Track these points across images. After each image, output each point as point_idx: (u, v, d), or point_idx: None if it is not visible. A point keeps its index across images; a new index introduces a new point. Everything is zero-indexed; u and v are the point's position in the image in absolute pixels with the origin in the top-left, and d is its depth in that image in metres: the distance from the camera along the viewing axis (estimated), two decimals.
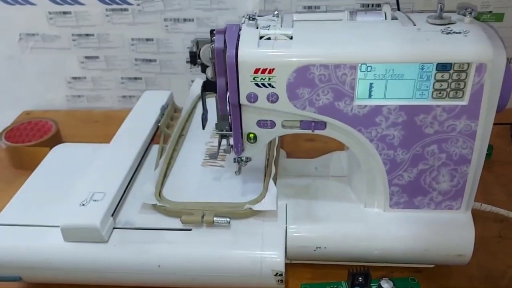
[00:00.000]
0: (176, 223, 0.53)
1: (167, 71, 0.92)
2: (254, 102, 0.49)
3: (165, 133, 0.70)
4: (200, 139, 0.68)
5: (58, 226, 0.52)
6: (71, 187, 0.59)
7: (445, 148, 0.50)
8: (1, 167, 0.78)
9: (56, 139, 0.79)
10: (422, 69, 0.46)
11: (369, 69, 0.46)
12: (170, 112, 0.74)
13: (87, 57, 0.91)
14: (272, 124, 0.51)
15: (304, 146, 0.78)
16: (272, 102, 0.48)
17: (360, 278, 0.53)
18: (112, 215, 0.54)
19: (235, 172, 0.60)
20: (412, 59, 0.46)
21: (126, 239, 0.52)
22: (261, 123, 0.51)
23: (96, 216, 0.51)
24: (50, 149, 0.70)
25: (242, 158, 0.59)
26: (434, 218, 0.53)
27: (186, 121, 0.72)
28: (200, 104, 0.75)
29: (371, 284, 0.54)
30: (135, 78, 0.93)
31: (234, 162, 0.60)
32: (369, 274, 0.53)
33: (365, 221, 0.54)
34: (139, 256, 0.51)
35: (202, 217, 0.53)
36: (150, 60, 0.90)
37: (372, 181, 0.53)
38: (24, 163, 0.75)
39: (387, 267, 0.56)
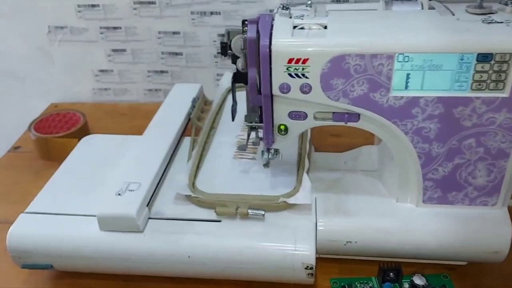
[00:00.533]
0: (208, 214, 0.53)
1: (193, 64, 0.91)
2: (286, 93, 0.48)
3: (196, 126, 0.69)
4: (231, 131, 0.68)
5: (91, 215, 0.52)
6: (102, 177, 0.59)
7: (483, 142, 0.48)
8: (29, 159, 0.79)
9: (84, 131, 0.79)
10: (462, 59, 0.45)
11: (406, 59, 0.45)
12: (200, 104, 0.74)
13: (114, 50, 0.91)
14: (304, 116, 0.50)
15: (330, 141, 0.77)
16: (305, 93, 0.48)
17: (391, 274, 0.53)
18: (147, 205, 0.54)
19: (263, 165, 0.60)
20: (452, 49, 0.44)
21: (159, 229, 0.52)
22: (293, 115, 0.50)
23: (132, 206, 0.51)
24: (79, 140, 0.71)
25: (270, 151, 0.59)
26: (469, 214, 0.52)
27: (217, 114, 0.72)
28: (229, 97, 0.75)
29: (403, 281, 0.53)
30: (161, 72, 0.93)
31: (262, 155, 0.60)
32: (401, 270, 0.52)
33: (397, 216, 0.53)
34: (170, 246, 0.50)
35: (237, 209, 0.52)
36: (177, 54, 0.90)
37: (405, 175, 0.52)
38: (52, 155, 0.76)
39: (418, 264, 0.55)
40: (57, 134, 0.78)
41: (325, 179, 0.59)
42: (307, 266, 0.49)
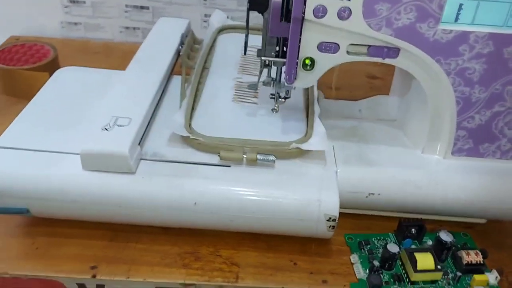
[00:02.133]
0: (209, 159, 0.46)
1: (178, 1, 0.82)
2: (321, 17, 0.41)
3: (187, 64, 0.61)
4: (226, 74, 0.60)
5: (73, 153, 0.44)
6: (83, 111, 0.50)
7: None
8: None
9: (54, 66, 0.69)
10: None
11: None
12: (190, 42, 0.66)
13: None
14: (336, 48, 0.44)
15: (328, 94, 0.71)
16: (343, 18, 0.41)
17: (413, 230, 0.48)
18: (139, 143, 0.46)
19: (272, 110, 0.54)
20: None
21: (156, 171, 0.45)
22: (323, 46, 0.44)
23: (123, 143, 0.43)
24: (50, 75, 0.61)
25: (280, 95, 0.53)
26: (499, 168, 0.48)
27: (208, 54, 0.64)
28: (221, 38, 0.68)
29: (424, 238, 0.49)
30: (141, 7, 0.83)
31: (271, 97, 0.54)
32: (424, 226, 0.48)
33: (424, 167, 0.48)
34: (173, 191, 0.43)
35: (244, 153, 0.46)
36: None
37: (437, 123, 0.47)
38: (18, 89, 0.66)
39: (435, 221, 0.51)
40: (23, 66, 0.67)
41: (341, 127, 0.53)
42: (330, 218, 0.44)
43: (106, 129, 0.45)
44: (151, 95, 0.51)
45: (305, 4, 0.41)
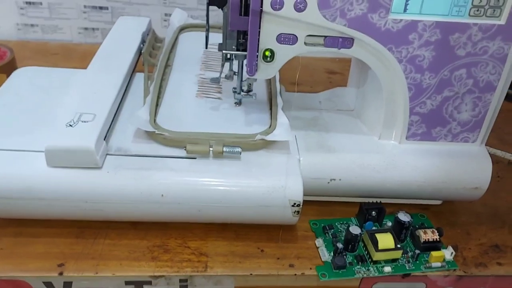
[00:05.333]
0: (175, 153, 0.47)
1: (138, 1, 0.82)
2: (279, 9, 0.43)
3: (149, 62, 0.62)
4: (189, 70, 0.61)
5: (35, 150, 0.44)
6: (45, 110, 0.50)
7: (473, 73, 0.47)
8: None
9: (11, 67, 0.68)
10: None
11: None
12: (151, 40, 0.66)
13: None
14: (294, 40, 0.45)
15: (290, 89, 0.73)
16: (299, 10, 0.43)
17: (373, 212, 0.51)
18: (104, 139, 0.46)
19: (235, 103, 0.55)
20: None
21: (123, 165, 0.45)
22: (282, 38, 0.45)
23: (89, 137, 0.43)
24: (7, 76, 0.60)
25: (243, 89, 0.54)
26: (451, 151, 0.51)
27: (170, 52, 0.65)
28: (182, 37, 0.68)
29: (384, 220, 0.51)
30: (100, 8, 0.82)
31: (234, 91, 0.55)
32: (383, 208, 0.51)
33: (381, 152, 0.51)
34: (140, 183, 0.44)
35: (210, 146, 0.47)
36: None
37: (391, 110, 0.50)
38: None
39: (394, 204, 0.54)
40: None
41: (302, 118, 0.55)
42: (294, 203, 0.45)
43: (70, 125, 0.45)
44: (115, 92, 0.51)
45: None
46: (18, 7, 0.81)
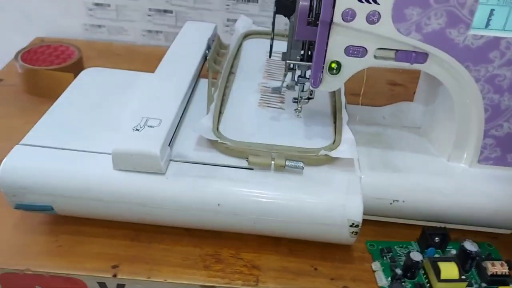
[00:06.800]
0: (236, 163, 0.46)
1: (201, 6, 0.83)
2: (350, 21, 0.41)
3: (213, 69, 0.62)
4: (252, 78, 0.60)
5: (102, 153, 0.44)
6: (112, 112, 0.51)
7: None
8: (14, 92, 0.69)
9: (79, 67, 0.70)
10: None
11: None
12: (216, 46, 0.66)
13: None
14: (363, 52, 0.43)
15: (349, 100, 0.71)
16: (372, 22, 0.41)
17: (436, 238, 0.48)
18: (169, 145, 0.46)
19: (295, 110, 0.53)
20: None
21: (183, 172, 0.45)
22: (351, 50, 0.43)
23: (155, 143, 0.43)
24: (75, 76, 0.61)
25: (303, 96, 0.52)
26: None
27: (234, 59, 0.64)
28: (246, 43, 0.68)
29: (448, 247, 0.48)
30: (165, 11, 0.84)
31: (294, 101, 0.53)
32: (447, 235, 0.47)
33: (450, 175, 0.48)
34: (198, 191, 0.43)
35: (273, 159, 0.45)
36: None
37: (463, 130, 0.47)
38: (42, 89, 0.67)
39: (459, 230, 0.50)
40: (48, 67, 0.68)
41: (365, 133, 0.53)
42: (353, 224, 0.43)
43: (137, 130, 0.45)
44: (180, 97, 0.51)
45: (334, 7, 0.41)
46: (86, 8, 0.84)
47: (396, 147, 0.51)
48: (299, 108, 0.53)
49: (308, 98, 0.53)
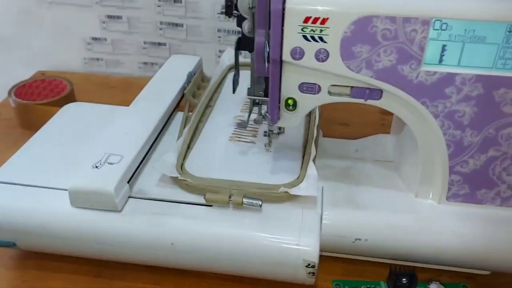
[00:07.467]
0: (197, 200, 0.46)
1: (194, 38, 0.84)
2: (299, 59, 0.41)
3: (190, 102, 0.62)
4: (228, 112, 0.60)
5: (64, 189, 0.45)
6: (81, 148, 0.52)
7: None
8: (8, 126, 0.72)
9: (69, 100, 0.72)
10: (510, 31, 0.38)
11: (444, 27, 0.38)
12: (197, 80, 0.67)
13: (109, 17, 0.84)
14: (317, 89, 0.43)
15: (338, 130, 0.70)
16: (321, 60, 0.41)
17: (403, 279, 0.46)
18: (129, 181, 0.46)
19: (265, 145, 0.53)
20: (499, 18, 0.37)
21: (140, 209, 0.45)
22: (304, 87, 0.43)
23: (110, 180, 0.44)
24: None
25: (273, 130, 0.52)
26: (499, 216, 0.45)
27: (215, 92, 0.65)
28: (230, 75, 0.68)
29: None
30: (159, 44, 0.86)
31: (265, 135, 0.53)
32: (415, 275, 0.45)
33: (416, 212, 0.46)
34: (151, 229, 0.43)
35: (230, 196, 0.45)
36: (177, 25, 0.83)
37: (429, 167, 0.45)
38: (33, 123, 0.68)
39: (433, 270, 0.48)
40: (39, 101, 0.70)
41: (334, 167, 0.52)
42: (309, 264, 0.42)
43: (96, 167, 0.46)
44: (148, 133, 0.52)
45: (281, 46, 0.40)
46: (85, 43, 0.87)
47: (363, 182, 0.50)
48: (268, 143, 0.53)
49: (278, 133, 0.53)
